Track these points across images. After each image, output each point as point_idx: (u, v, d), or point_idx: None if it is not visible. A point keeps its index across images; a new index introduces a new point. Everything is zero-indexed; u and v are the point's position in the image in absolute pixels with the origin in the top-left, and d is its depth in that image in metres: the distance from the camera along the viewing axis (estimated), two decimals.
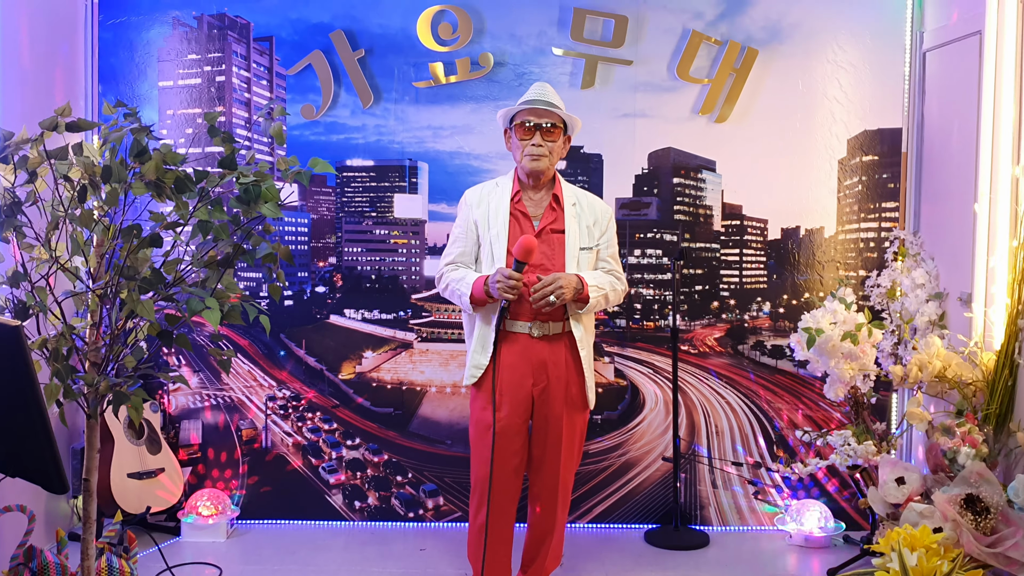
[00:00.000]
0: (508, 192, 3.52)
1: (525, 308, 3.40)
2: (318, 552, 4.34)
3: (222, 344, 4.57)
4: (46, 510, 4.13)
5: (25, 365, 2.39)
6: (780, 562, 4.32)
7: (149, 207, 3.10)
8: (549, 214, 3.50)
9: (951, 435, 3.69)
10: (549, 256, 3.45)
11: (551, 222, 3.49)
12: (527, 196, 3.52)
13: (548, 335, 3.45)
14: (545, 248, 3.44)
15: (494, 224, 3.47)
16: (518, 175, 3.55)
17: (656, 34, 4.57)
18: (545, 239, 3.46)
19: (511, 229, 3.46)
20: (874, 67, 4.61)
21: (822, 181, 4.65)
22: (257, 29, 4.54)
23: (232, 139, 3.11)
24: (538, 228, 3.48)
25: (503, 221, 3.47)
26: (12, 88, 3.80)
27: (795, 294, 4.69)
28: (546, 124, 3.46)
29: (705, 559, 4.33)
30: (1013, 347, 3.69)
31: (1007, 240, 3.76)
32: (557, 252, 3.47)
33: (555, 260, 3.46)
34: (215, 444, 4.69)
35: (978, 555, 3.34)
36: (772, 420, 4.71)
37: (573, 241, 3.49)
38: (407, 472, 4.69)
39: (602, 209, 3.62)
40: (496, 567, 3.51)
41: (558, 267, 3.45)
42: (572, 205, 3.53)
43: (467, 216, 3.56)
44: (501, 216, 3.47)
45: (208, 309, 3.00)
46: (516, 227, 3.47)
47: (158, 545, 4.16)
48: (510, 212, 3.48)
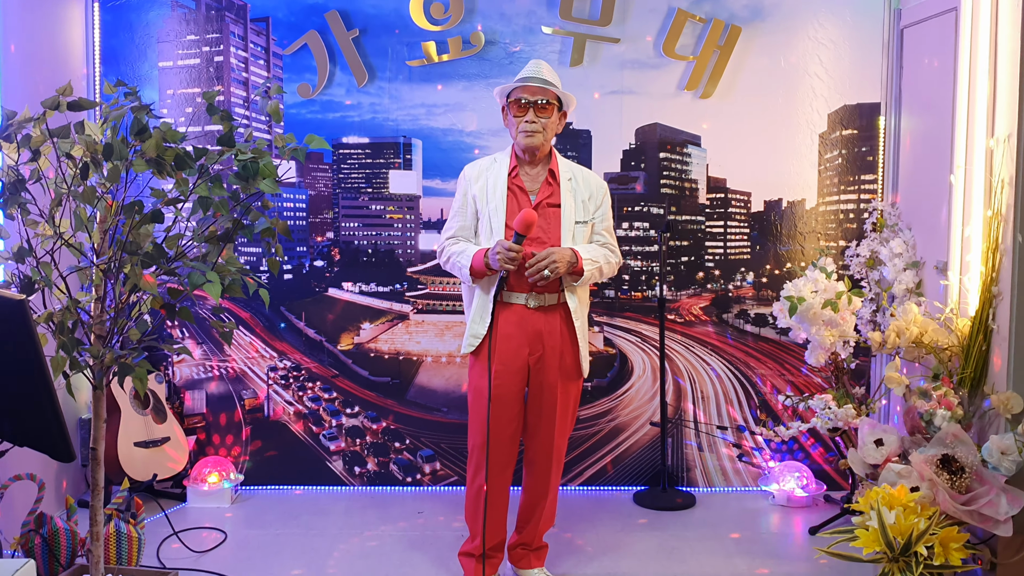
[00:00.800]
0: (506, 167, 3.50)
1: (522, 280, 3.39)
2: (320, 516, 4.36)
3: (224, 317, 4.57)
4: (55, 478, 4.13)
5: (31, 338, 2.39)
6: (763, 521, 4.34)
7: (150, 184, 3.09)
8: (545, 189, 3.49)
9: (928, 398, 3.70)
10: (545, 229, 3.44)
11: (547, 196, 3.48)
12: (524, 171, 3.51)
13: (544, 306, 3.45)
14: (541, 222, 3.43)
15: (492, 198, 3.46)
16: (515, 151, 3.53)
17: (642, 12, 4.55)
18: (541, 213, 3.44)
19: (509, 203, 3.44)
20: (853, 44, 4.59)
21: (803, 154, 4.64)
22: (254, 10, 4.50)
23: (230, 117, 3.10)
24: (535, 202, 3.46)
25: (501, 195, 3.45)
26: (14, 69, 3.77)
27: (777, 264, 4.69)
28: (540, 101, 3.43)
29: (692, 519, 4.35)
30: (987, 313, 3.69)
31: (982, 210, 3.76)
32: (553, 225, 3.46)
33: (551, 233, 3.45)
34: (219, 413, 4.69)
35: (953, 513, 3.36)
36: (756, 386, 4.72)
37: (569, 215, 3.48)
38: (405, 439, 4.70)
39: (597, 184, 3.60)
40: (493, 528, 3.52)
41: (554, 240, 3.44)
42: (568, 180, 3.52)
43: (466, 191, 3.54)
44: (499, 191, 3.46)
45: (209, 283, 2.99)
46: (513, 201, 3.45)
47: (164, 511, 4.18)
48: (508, 187, 3.47)
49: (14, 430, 2.61)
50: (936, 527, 3.27)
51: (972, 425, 3.73)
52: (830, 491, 4.60)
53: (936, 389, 3.70)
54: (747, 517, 4.38)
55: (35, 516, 3.54)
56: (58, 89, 2.98)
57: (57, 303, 3.06)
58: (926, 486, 3.41)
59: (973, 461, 3.44)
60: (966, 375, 3.74)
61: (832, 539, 3.55)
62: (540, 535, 3.64)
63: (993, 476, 3.43)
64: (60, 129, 2.98)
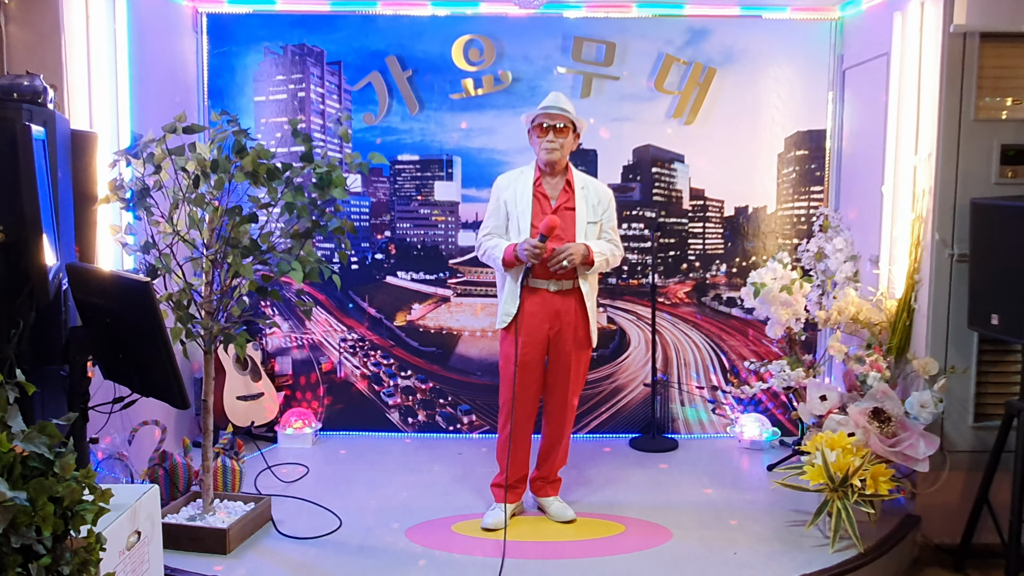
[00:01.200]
0: (531, 178, 3.50)
1: (545, 270, 3.40)
2: (381, 455, 4.40)
3: (304, 298, 4.61)
4: (175, 424, 4.19)
5: (154, 311, 2.43)
6: (732, 460, 4.35)
7: (248, 192, 3.13)
8: (563, 195, 3.49)
9: (862, 363, 3.70)
10: (563, 228, 3.43)
11: (565, 201, 3.48)
12: (546, 181, 3.50)
13: (562, 290, 3.45)
14: (560, 222, 3.43)
15: (520, 203, 3.46)
16: (538, 164, 3.53)
17: (638, 56, 4.53)
18: (560, 215, 3.43)
19: (534, 207, 3.45)
20: (805, 82, 4.55)
21: (765, 170, 4.62)
22: (329, 56, 4.53)
23: (310, 139, 3.14)
24: (555, 206, 3.46)
25: (527, 201, 3.45)
26: (145, 104, 3.82)
27: (745, 257, 4.68)
28: (559, 124, 3.43)
29: (675, 459, 4.36)
30: (910, 296, 3.68)
31: (907, 214, 3.74)
32: (569, 225, 3.45)
33: (567, 231, 3.45)
34: (301, 374, 4.73)
35: (882, 453, 3.36)
36: (726, 353, 4.72)
37: (582, 216, 3.47)
38: (447, 396, 4.73)
39: (604, 192, 3.59)
40: (518, 465, 3.54)
41: (570, 236, 3.43)
42: (581, 188, 3.51)
43: (498, 197, 3.54)
44: (526, 197, 3.46)
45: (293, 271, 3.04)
46: (537, 205, 3.46)
47: (260, 450, 4.23)
48: (533, 194, 3.47)
49: (142, 383, 2.66)
50: (868, 464, 3.28)
51: (898, 384, 3.72)
52: (784, 436, 4.59)
53: (869, 356, 3.70)
54: (718, 457, 4.38)
55: (159, 453, 3.61)
56: (175, 117, 3.02)
57: (175, 286, 3.12)
58: (860, 432, 3.41)
59: (898, 413, 3.44)
60: (893, 345, 3.73)
61: (785, 474, 3.57)
62: (555, 471, 3.64)
63: (914, 424, 3.43)
64: (177, 148, 3.03)
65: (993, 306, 3.23)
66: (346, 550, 3.24)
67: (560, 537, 3.40)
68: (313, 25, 4.51)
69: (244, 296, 3.20)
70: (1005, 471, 3.31)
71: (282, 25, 4.52)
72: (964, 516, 3.45)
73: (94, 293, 2.61)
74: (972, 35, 3.43)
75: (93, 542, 1.72)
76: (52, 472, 1.65)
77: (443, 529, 3.45)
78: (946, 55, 3.45)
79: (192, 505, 3.36)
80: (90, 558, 1.70)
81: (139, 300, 2.44)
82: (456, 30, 4.50)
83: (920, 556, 3.55)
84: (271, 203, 3.09)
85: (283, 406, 4.66)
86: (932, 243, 3.54)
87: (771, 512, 3.63)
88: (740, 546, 3.29)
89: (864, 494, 3.22)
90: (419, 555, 3.20)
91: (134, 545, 2.08)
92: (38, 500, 1.58)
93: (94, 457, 3.25)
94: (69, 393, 2.54)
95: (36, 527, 1.58)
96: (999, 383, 3.56)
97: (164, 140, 3.00)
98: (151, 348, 2.49)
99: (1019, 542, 3.14)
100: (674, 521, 3.53)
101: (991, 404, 3.55)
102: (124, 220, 3.32)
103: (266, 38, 4.53)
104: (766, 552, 3.23)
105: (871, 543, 3.27)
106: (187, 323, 3.06)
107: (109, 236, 3.19)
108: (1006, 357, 3.54)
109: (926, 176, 3.60)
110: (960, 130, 3.47)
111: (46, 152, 2.62)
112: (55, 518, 1.61)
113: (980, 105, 3.48)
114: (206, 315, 3.15)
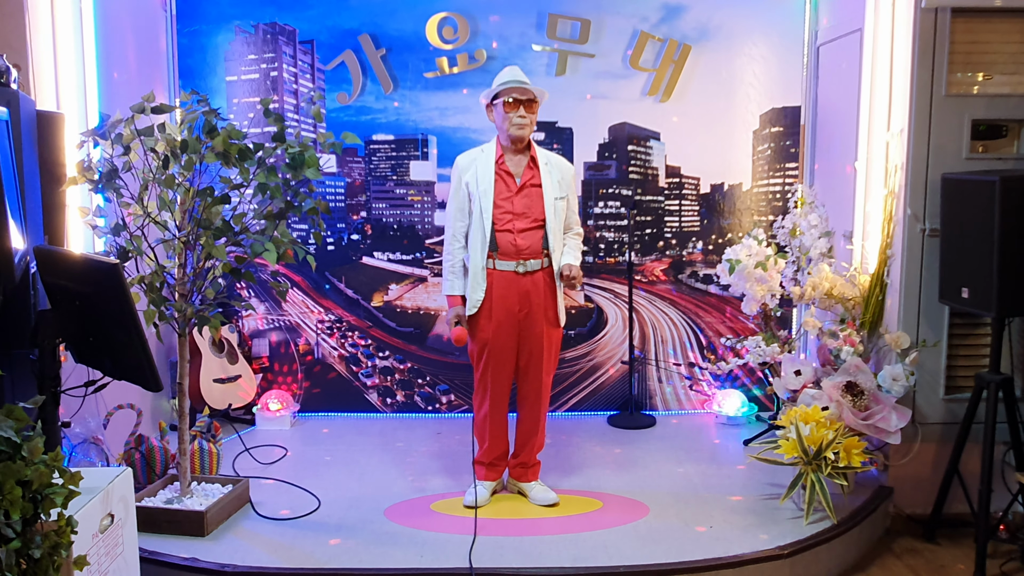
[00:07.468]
0: (492, 156, 3.43)
1: (511, 251, 3.37)
2: (360, 436, 4.40)
3: (280, 279, 4.58)
4: (151, 408, 4.16)
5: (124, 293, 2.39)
6: (709, 435, 4.38)
7: (219, 173, 3.10)
8: (528, 172, 3.42)
9: (836, 338, 3.73)
10: (529, 206, 3.39)
11: (530, 179, 3.42)
12: (509, 158, 3.43)
13: (529, 271, 3.41)
14: (526, 200, 3.38)
15: (482, 182, 3.39)
16: (500, 141, 3.46)
17: (612, 33, 4.51)
18: (526, 192, 3.39)
19: (497, 185, 3.39)
20: (780, 58, 4.55)
21: (740, 147, 4.62)
22: (301, 34, 4.47)
23: (282, 119, 3.10)
24: (520, 183, 3.40)
25: (489, 179, 3.39)
26: (112, 84, 3.76)
27: (720, 234, 4.69)
28: (527, 99, 3.39)
29: (653, 435, 4.39)
30: (883, 271, 3.71)
31: (880, 190, 3.76)
32: (536, 203, 3.39)
33: (534, 208, 3.39)
34: (279, 356, 4.71)
35: (855, 426, 3.39)
36: (703, 330, 4.74)
37: (549, 193, 3.41)
38: (425, 376, 4.73)
39: (566, 167, 3.53)
40: (497, 443, 3.54)
41: (537, 214, 3.38)
42: (545, 164, 3.45)
43: (459, 178, 3.45)
44: (488, 176, 3.39)
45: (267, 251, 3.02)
46: (501, 184, 3.39)
47: (238, 432, 4.22)
48: (495, 172, 3.42)
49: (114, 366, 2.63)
50: (841, 437, 3.31)
51: (870, 358, 3.76)
52: (760, 411, 4.63)
53: (843, 331, 3.73)
54: (696, 433, 4.42)
55: (135, 437, 3.59)
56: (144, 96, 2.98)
57: (147, 268, 3.09)
58: (834, 406, 3.44)
59: (871, 386, 3.48)
60: (866, 319, 3.76)
61: (761, 448, 3.60)
62: (534, 455, 3.60)
63: (887, 398, 3.47)
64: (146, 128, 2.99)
65: (963, 280, 3.26)
66: (325, 530, 3.23)
67: (539, 514, 3.41)
68: (285, 3, 4.45)
69: (219, 278, 3.17)
70: (975, 442, 3.37)
71: (253, 3, 4.45)
72: (935, 487, 3.50)
73: (63, 276, 2.57)
74: (944, 11, 3.44)
75: (64, 525, 1.70)
76: (20, 456, 1.64)
77: (422, 508, 3.46)
78: (918, 31, 3.46)
79: (169, 488, 3.35)
80: (61, 541, 1.68)
81: (108, 282, 2.41)
82: (430, 7, 4.45)
83: (892, 526, 3.60)
84: (243, 184, 3.06)
85: (261, 388, 4.64)
86: (904, 218, 3.56)
87: (747, 486, 3.66)
88: (716, 520, 3.31)
89: (837, 467, 3.25)
90: (398, 534, 3.20)
91: (107, 528, 2.07)
92: (5, 484, 1.56)
93: (68, 441, 3.22)
94: (39, 377, 2.51)
95: (4, 511, 1.56)
96: (969, 356, 3.60)
97: (133, 120, 2.96)
98: (122, 331, 2.46)
99: (988, 511, 3.19)
100: (651, 497, 3.56)
101: (961, 377, 3.60)
102: (94, 202, 3.28)
103: (237, 16, 4.47)
104: (741, 525, 3.26)
105: (844, 515, 3.31)
106: (160, 306, 3.04)
107: (79, 218, 3.15)
108: (976, 330, 3.59)
109: (898, 152, 3.62)
110: (932, 105, 3.49)
111: (9, 134, 2.57)
112: (24, 501, 1.59)
113: (951, 80, 3.49)
114: (179, 298, 3.12)
